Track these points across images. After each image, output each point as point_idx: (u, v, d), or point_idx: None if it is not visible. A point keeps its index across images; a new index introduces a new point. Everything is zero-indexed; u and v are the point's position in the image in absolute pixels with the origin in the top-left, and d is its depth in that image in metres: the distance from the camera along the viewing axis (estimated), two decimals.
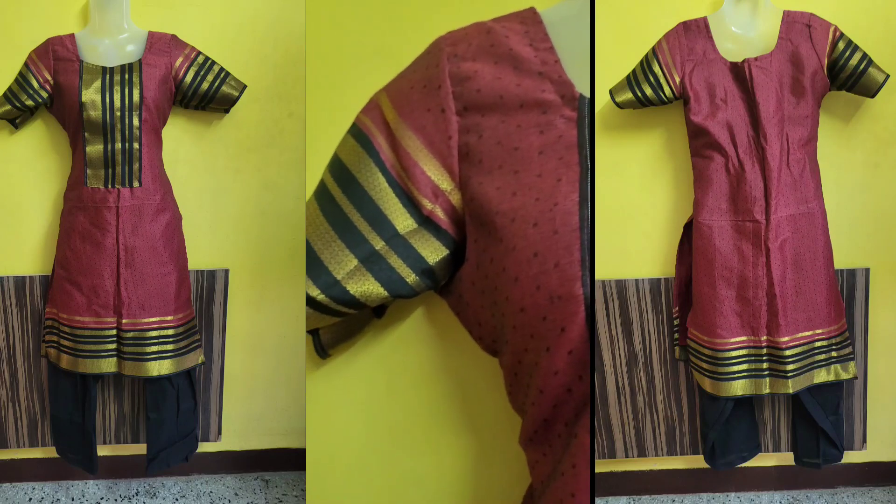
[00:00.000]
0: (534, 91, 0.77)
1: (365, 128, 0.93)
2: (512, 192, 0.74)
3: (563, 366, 0.71)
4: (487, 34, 0.82)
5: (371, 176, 0.90)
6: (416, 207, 0.88)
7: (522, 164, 0.75)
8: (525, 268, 0.71)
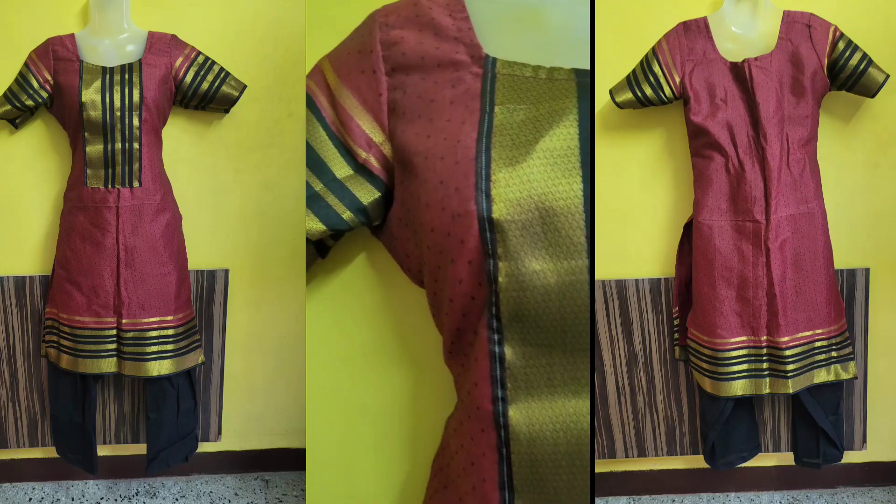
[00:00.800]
0: (449, 53, 0.88)
1: (309, 89, 1.03)
2: (427, 136, 0.85)
3: (466, 275, 0.81)
4: (414, 6, 0.94)
5: (314, 130, 1.00)
6: (353, 156, 0.98)
7: (436, 112, 0.87)
8: (433, 194, 0.82)
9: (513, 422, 0.81)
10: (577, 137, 0.78)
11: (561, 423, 0.79)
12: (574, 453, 0.78)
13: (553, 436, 0.79)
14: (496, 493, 0.82)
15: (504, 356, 0.81)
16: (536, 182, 0.78)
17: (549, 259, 0.77)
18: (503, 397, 0.82)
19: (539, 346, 0.80)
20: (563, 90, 0.84)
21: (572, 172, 0.77)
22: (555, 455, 0.79)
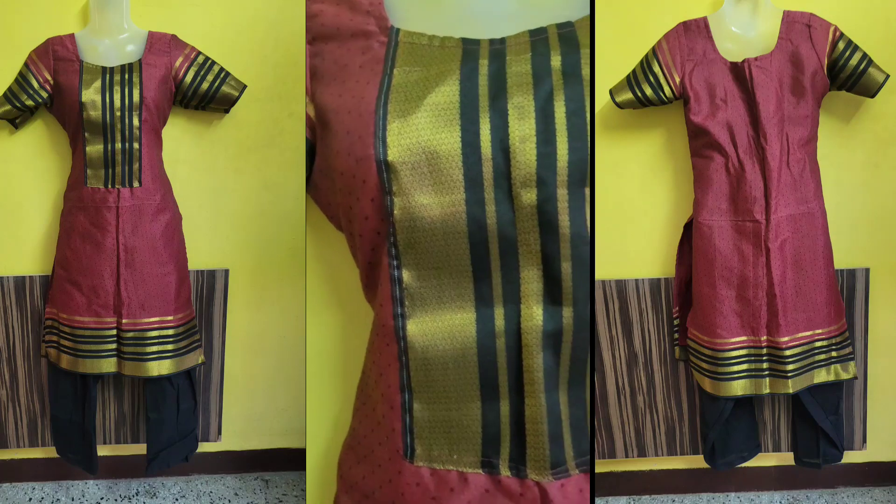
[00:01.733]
0: (361, 24, 0.99)
1: None
2: (339, 95, 0.96)
3: (370, 211, 0.91)
4: None
5: None
6: None
7: (348, 75, 0.98)
8: (342, 142, 0.93)
9: (410, 334, 0.92)
10: (458, 94, 0.90)
11: (448, 332, 0.91)
12: (459, 357, 0.91)
13: (442, 343, 0.91)
14: (398, 396, 0.94)
15: (402, 279, 0.92)
16: (423, 131, 0.89)
17: (433, 194, 0.88)
18: (402, 314, 0.93)
19: (429, 269, 0.91)
20: (450, 56, 0.95)
21: (453, 123, 0.88)
22: (444, 359, 0.91)
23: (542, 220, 0.87)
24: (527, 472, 0.91)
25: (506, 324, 0.90)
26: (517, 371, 0.90)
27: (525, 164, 0.87)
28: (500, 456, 0.92)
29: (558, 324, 0.89)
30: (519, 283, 0.89)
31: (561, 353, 0.90)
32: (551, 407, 0.90)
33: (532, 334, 0.89)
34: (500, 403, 0.91)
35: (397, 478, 0.94)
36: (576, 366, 0.91)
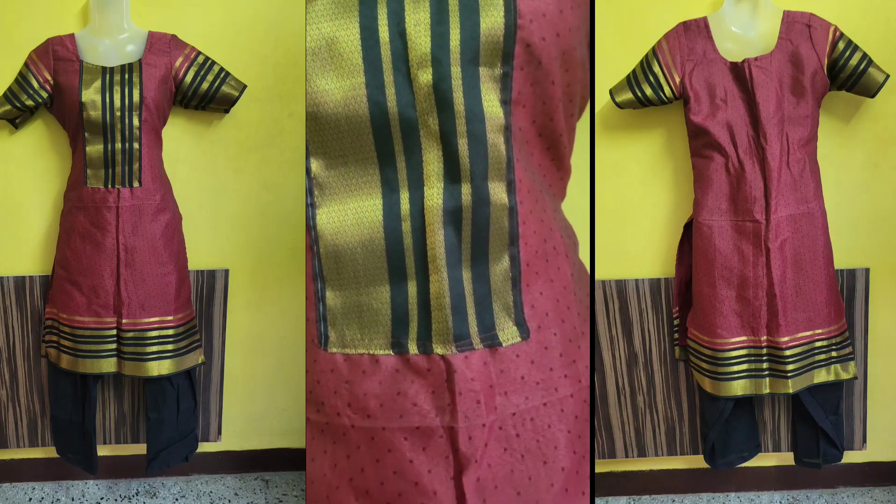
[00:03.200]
0: None
1: None
2: None
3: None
4: None
5: None
6: None
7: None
8: None
9: (319, 223, 0.94)
10: None
11: (356, 219, 0.93)
12: (367, 242, 0.93)
13: (350, 230, 0.93)
14: (312, 286, 0.96)
15: (311, 169, 0.94)
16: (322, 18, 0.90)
17: (334, 79, 0.90)
18: (312, 203, 0.95)
19: (336, 158, 0.93)
20: None
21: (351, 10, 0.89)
22: (352, 245, 0.94)
23: (439, 99, 0.89)
24: (433, 348, 0.93)
25: (411, 207, 0.93)
26: (422, 251, 0.93)
27: (420, 45, 0.89)
28: (408, 336, 0.94)
29: (458, 201, 0.92)
30: (422, 166, 0.92)
31: (462, 230, 0.93)
32: (454, 283, 0.93)
33: (434, 213, 0.92)
34: (407, 284, 0.94)
35: (313, 366, 0.97)
36: (477, 242, 0.93)
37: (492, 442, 0.91)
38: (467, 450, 0.90)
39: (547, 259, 0.98)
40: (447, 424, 0.91)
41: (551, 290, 0.98)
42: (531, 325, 0.96)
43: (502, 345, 0.94)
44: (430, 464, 0.90)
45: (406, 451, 0.91)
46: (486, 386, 0.92)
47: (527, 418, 0.93)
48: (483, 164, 0.91)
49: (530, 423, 0.94)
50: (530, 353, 0.95)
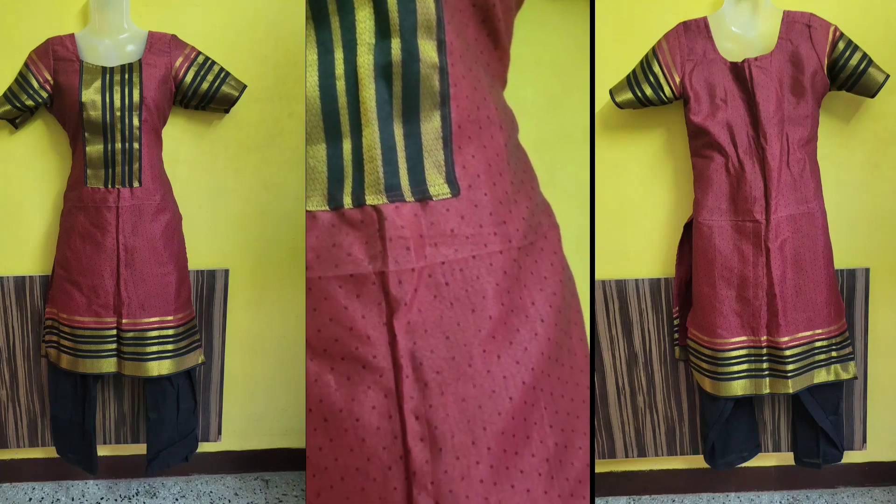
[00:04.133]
0: None
1: None
2: None
3: None
4: None
5: None
6: None
7: None
8: None
9: None
10: None
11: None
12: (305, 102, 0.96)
13: None
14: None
15: None
16: None
17: None
18: None
19: None
20: None
21: None
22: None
23: None
24: (365, 199, 0.95)
25: (345, 66, 0.95)
26: (356, 108, 0.95)
27: None
28: (343, 191, 0.96)
29: (388, 57, 0.94)
30: (355, 25, 0.94)
31: (393, 85, 0.95)
32: (385, 135, 0.95)
33: (365, 69, 0.94)
34: (342, 142, 0.96)
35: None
36: (408, 98, 0.96)
37: (421, 288, 0.93)
38: (397, 293, 0.93)
39: (480, 126, 1.01)
40: (378, 270, 0.94)
41: (484, 155, 1.01)
42: (462, 184, 0.98)
43: (433, 198, 0.97)
44: (364, 310, 0.93)
45: (341, 299, 0.93)
46: (415, 235, 0.95)
47: (456, 269, 0.96)
48: (412, 19, 0.94)
49: (459, 274, 0.96)
50: (460, 209, 0.98)
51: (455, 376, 0.91)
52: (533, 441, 0.93)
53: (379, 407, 0.90)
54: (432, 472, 0.88)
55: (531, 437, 0.93)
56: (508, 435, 0.91)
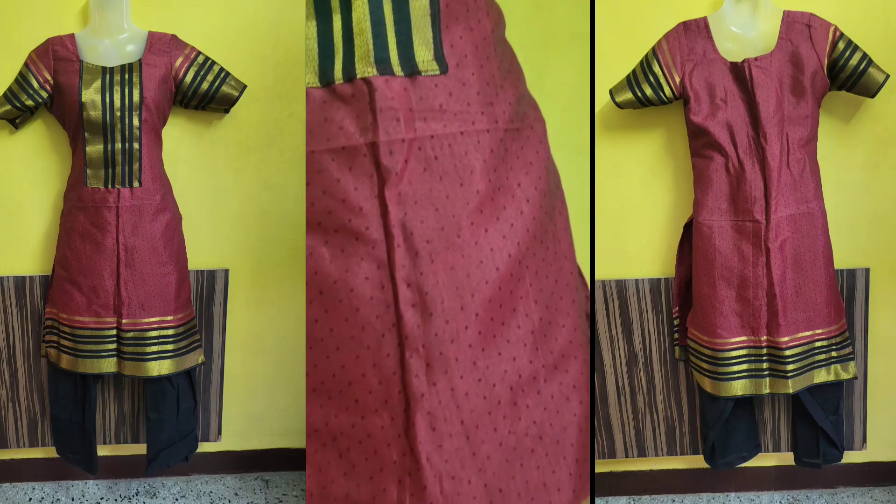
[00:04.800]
0: None
1: None
2: None
3: None
4: None
5: None
6: None
7: None
8: None
9: None
10: None
11: None
12: None
13: None
14: None
15: None
16: None
17: None
18: None
19: None
20: None
21: None
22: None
23: None
24: (356, 73, 0.96)
25: None
26: None
27: None
28: (334, 66, 0.97)
29: None
30: None
31: None
32: (374, 10, 0.97)
33: None
34: (332, 18, 0.97)
35: None
36: None
37: (412, 160, 0.95)
38: (388, 163, 0.94)
39: (467, 8, 1.03)
40: (369, 141, 0.95)
41: (471, 37, 1.03)
42: (450, 62, 1.00)
43: (421, 73, 0.98)
44: (356, 182, 0.94)
45: (333, 171, 0.95)
46: (405, 108, 0.96)
47: (444, 143, 0.97)
48: None
49: (448, 149, 0.97)
50: (448, 86, 0.99)
51: (444, 246, 0.93)
52: (519, 314, 0.96)
53: (372, 278, 0.92)
54: (423, 335, 0.91)
55: (517, 309, 0.96)
56: (495, 304, 0.94)
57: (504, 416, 0.93)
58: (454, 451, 0.90)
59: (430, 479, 0.89)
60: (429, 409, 0.90)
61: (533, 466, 0.93)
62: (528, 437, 0.94)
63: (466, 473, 0.90)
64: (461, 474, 0.90)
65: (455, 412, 0.91)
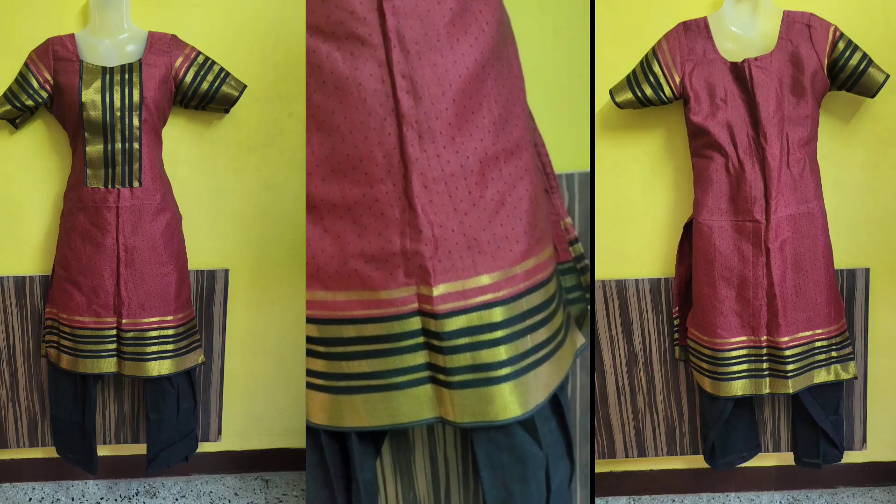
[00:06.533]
0: None
1: None
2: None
3: None
4: None
5: None
6: None
7: None
8: None
9: None
10: None
11: None
12: None
13: None
14: None
15: None
16: None
17: None
18: None
19: None
20: None
21: None
22: None
23: None
24: None
25: None
26: None
27: None
28: None
29: None
30: None
31: None
32: None
33: None
34: None
35: None
36: None
37: None
38: None
39: None
40: None
41: None
42: None
43: None
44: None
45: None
46: None
47: None
48: None
49: None
50: None
51: (428, 47, 1.14)
52: (484, 107, 1.18)
53: (375, 74, 1.12)
54: (415, 114, 1.13)
55: (482, 104, 1.18)
56: (467, 95, 1.16)
57: (476, 182, 1.17)
58: (441, 206, 1.15)
59: (425, 225, 1.13)
60: (422, 170, 1.13)
61: (498, 224, 1.18)
62: (493, 202, 1.18)
63: (450, 224, 1.15)
64: (446, 224, 1.15)
65: (440, 174, 1.14)
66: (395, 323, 1.16)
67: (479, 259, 1.17)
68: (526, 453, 1.22)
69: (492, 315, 1.17)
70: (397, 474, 1.63)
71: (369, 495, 1.29)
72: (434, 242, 1.14)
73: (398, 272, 1.14)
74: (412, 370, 1.18)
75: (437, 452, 1.62)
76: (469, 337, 1.16)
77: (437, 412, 1.20)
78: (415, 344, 1.17)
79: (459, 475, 1.64)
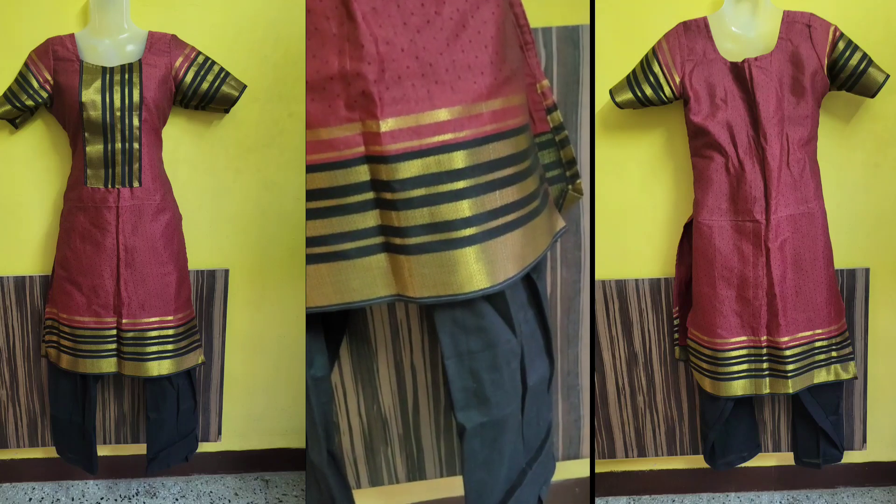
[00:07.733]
0: None
1: None
2: None
3: None
4: None
5: None
6: None
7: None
8: None
9: None
10: None
11: None
12: None
13: None
14: None
15: None
16: None
17: None
18: None
19: None
20: None
21: None
22: None
23: None
24: None
25: None
26: None
27: None
28: None
29: None
30: None
31: None
32: None
33: None
34: None
35: None
36: None
37: None
38: None
39: None
40: None
41: None
42: None
43: None
44: None
45: None
46: None
47: None
48: None
49: None
50: None
51: None
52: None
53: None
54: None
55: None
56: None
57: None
58: (387, 17, 0.98)
59: (367, 39, 0.97)
60: None
61: (458, 49, 1.01)
62: (452, 21, 1.02)
63: (399, 40, 0.98)
64: (395, 41, 0.97)
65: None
66: (338, 172, 0.99)
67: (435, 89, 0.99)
68: (497, 338, 1.05)
69: (452, 160, 1.00)
70: (358, 384, 1.49)
71: (319, 396, 1.10)
72: (379, 61, 0.97)
73: (337, 103, 0.98)
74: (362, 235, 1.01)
75: (403, 360, 1.44)
76: (426, 188, 0.99)
77: (393, 288, 1.02)
78: (363, 201, 1.00)
79: (428, 386, 1.47)
